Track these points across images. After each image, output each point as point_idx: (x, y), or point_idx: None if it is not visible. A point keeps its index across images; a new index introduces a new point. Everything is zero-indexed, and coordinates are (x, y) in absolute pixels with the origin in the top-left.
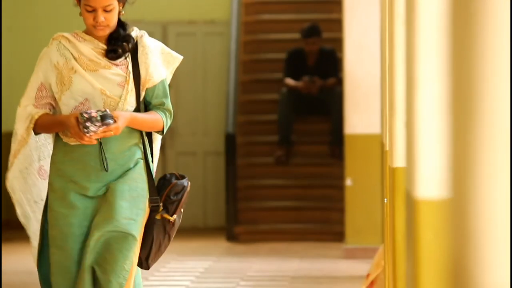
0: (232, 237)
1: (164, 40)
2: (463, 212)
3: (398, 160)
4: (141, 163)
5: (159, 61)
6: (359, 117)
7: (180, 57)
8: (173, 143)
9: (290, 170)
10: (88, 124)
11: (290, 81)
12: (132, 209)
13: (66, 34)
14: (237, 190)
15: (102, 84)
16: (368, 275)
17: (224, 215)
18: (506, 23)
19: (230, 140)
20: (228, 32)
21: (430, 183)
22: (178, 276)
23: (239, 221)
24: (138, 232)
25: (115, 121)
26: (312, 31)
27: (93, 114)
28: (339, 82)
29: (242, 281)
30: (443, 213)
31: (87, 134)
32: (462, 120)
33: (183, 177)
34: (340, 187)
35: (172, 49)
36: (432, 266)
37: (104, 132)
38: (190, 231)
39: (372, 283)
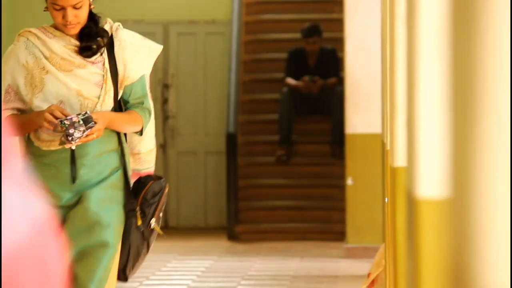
0: (233, 237)
1: (165, 40)
2: (464, 211)
3: (399, 159)
4: (119, 172)
5: (138, 55)
6: (360, 116)
7: (160, 47)
8: (174, 143)
9: (291, 169)
10: (71, 131)
11: (290, 81)
12: (109, 216)
13: (33, 30)
14: (238, 189)
15: (78, 84)
16: (369, 275)
17: (225, 215)
18: (506, 23)
19: (231, 140)
20: (229, 32)
21: (431, 182)
22: (179, 275)
23: (240, 221)
24: (117, 239)
25: (95, 123)
26: (313, 31)
27: (74, 119)
28: (340, 81)
29: (243, 280)
30: (444, 212)
31: (72, 142)
32: (462, 120)
33: (159, 178)
34: (341, 187)
35: (173, 49)
36: (433, 266)
37: (87, 136)
38: (191, 231)
39: (373, 282)
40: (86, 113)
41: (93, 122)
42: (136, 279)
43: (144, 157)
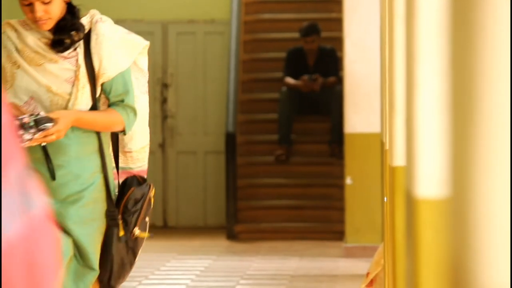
0: (232, 236)
1: (164, 40)
2: (463, 211)
3: (398, 159)
4: (100, 178)
5: (118, 51)
6: (359, 116)
7: (146, 42)
8: (173, 142)
9: (290, 169)
10: (20, 132)
11: (290, 80)
12: (92, 242)
13: (13, 22)
14: (237, 189)
15: (48, 79)
16: (367, 274)
17: (224, 214)
18: (506, 23)
19: (230, 139)
20: (228, 32)
21: (430, 182)
22: (179, 274)
23: (239, 220)
24: (97, 261)
25: (56, 123)
26: (311, 30)
27: (25, 119)
28: (339, 81)
29: (242, 279)
30: (443, 212)
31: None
32: (462, 119)
33: (144, 181)
34: (340, 186)
35: (172, 48)
36: (431, 265)
37: (45, 136)
38: (190, 230)
39: (372, 281)
40: (38, 114)
41: (47, 123)
42: (135, 279)
43: (136, 155)
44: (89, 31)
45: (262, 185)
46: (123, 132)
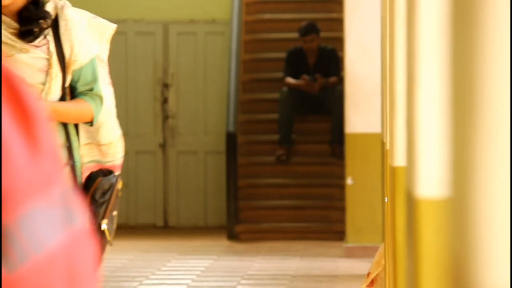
0: (232, 236)
1: (165, 40)
2: (464, 211)
3: (399, 159)
4: (67, 170)
5: (87, 36)
6: (360, 116)
7: (113, 26)
8: (174, 142)
9: (291, 169)
10: None
11: (290, 80)
12: None
13: None
14: (238, 189)
15: (21, 71)
16: (368, 274)
17: (225, 214)
18: (506, 23)
19: (231, 139)
20: (229, 32)
21: (431, 182)
22: (179, 274)
23: (240, 220)
24: None
25: None
26: (309, 29)
27: None
28: (340, 81)
29: (242, 279)
30: (443, 212)
31: None
32: (462, 119)
33: (110, 173)
34: (340, 186)
35: (173, 48)
36: (432, 265)
37: None
38: (191, 230)
39: (372, 282)
40: None
41: None
42: (136, 279)
43: (106, 149)
44: (56, 18)
45: (263, 185)
46: (91, 123)
